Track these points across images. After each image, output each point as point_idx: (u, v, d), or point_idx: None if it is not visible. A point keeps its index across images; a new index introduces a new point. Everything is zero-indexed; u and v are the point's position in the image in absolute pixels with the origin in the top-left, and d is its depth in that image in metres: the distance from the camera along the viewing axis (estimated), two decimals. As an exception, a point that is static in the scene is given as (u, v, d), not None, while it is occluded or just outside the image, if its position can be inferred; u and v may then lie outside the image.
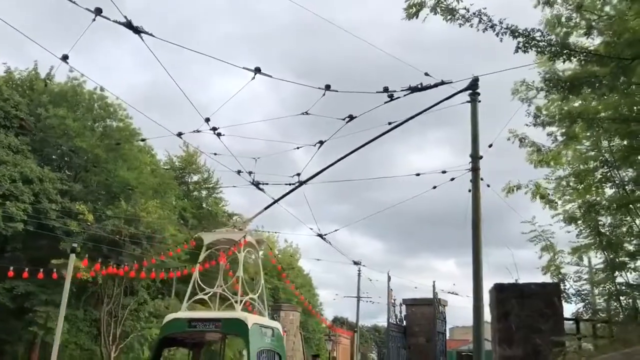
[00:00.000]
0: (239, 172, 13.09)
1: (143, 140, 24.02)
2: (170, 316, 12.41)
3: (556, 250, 9.02)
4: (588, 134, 9.70)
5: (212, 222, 42.96)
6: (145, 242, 27.21)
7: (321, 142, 11.32)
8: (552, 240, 9.01)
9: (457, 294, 27.16)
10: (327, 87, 9.15)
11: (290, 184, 13.62)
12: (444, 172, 13.31)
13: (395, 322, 16.69)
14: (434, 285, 17.22)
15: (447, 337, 18.78)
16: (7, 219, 24.44)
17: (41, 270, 21.12)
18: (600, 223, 7.91)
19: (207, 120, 10.43)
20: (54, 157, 31.67)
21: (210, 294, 13.11)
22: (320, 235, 17.55)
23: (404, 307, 17.83)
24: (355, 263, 20.80)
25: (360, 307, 47.33)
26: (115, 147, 31.57)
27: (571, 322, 7.54)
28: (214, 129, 10.76)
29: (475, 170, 12.83)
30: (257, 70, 8.72)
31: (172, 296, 38.67)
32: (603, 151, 8.05)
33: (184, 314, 12.30)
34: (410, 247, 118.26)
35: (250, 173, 13.09)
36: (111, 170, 30.27)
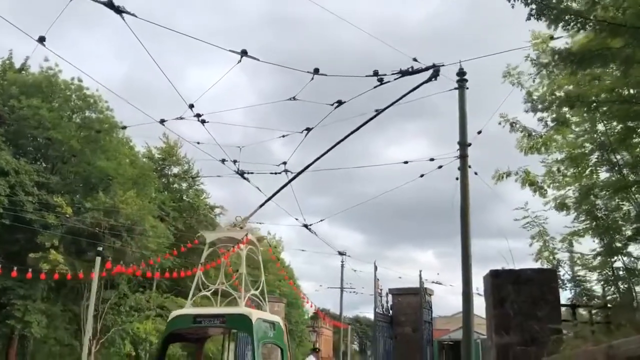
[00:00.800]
0: (223, 160, 12.77)
1: (124, 127, 23.48)
2: (175, 313, 12.60)
3: (549, 236, 8.89)
4: (579, 118, 9.58)
5: (193, 215, 42.48)
6: (126, 234, 26.66)
7: (308, 129, 11.06)
8: (545, 226, 8.87)
9: (441, 284, 27.17)
10: (316, 71, 8.88)
11: (275, 173, 13.36)
12: (431, 159, 13.16)
13: (382, 312, 16.53)
14: (420, 275, 17.13)
15: (431, 327, 18.98)
16: (-19, 213, 23.79)
17: (15, 268, 20.51)
18: (596, 207, 7.79)
19: (191, 106, 10.09)
20: (29, 148, 30.89)
21: (211, 291, 13.25)
22: (305, 226, 17.32)
23: (390, 296, 17.66)
24: (340, 253, 20.68)
25: (342, 300, 47.29)
26: (94, 139, 30.91)
27: (567, 308, 7.40)
28: (198, 115, 10.43)
29: (463, 157, 12.69)
30: (244, 53, 8.41)
31: (154, 289, 38.23)
32: (599, 134, 7.91)
33: (188, 310, 12.43)
34: (390, 238, 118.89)
35: (234, 162, 12.79)
36: (89, 161, 29.60)
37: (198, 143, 12.99)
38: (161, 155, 44.12)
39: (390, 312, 17.61)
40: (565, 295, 7.84)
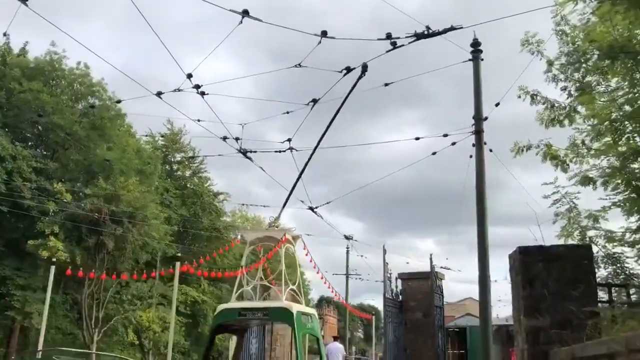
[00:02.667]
0: (224, 138, 12.11)
1: (118, 101, 22.67)
2: (222, 306, 13.60)
3: (578, 212, 8.21)
4: (619, 76, 8.77)
5: (197, 201, 41.90)
6: (127, 220, 26.05)
7: (314, 101, 10.36)
8: (575, 201, 8.18)
9: (449, 269, 26.55)
10: (324, 34, 8.17)
11: (280, 151, 12.71)
12: (445, 135, 12.47)
13: (391, 298, 15.89)
14: (430, 258, 16.48)
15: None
16: (-23, 199, 23.22)
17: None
18: (637, 177, 7.09)
19: (189, 76, 9.41)
20: (28, 135, 30.29)
21: (251, 286, 14.39)
22: (311, 208, 16.69)
23: (399, 281, 17.01)
24: (347, 237, 20.01)
25: (347, 286, 46.68)
26: (99, 126, 30.30)
27: (601, 288, 6.73)
28: (197, 86, 9.75)
29: (478, 132, 12.03)
30: (245, 13, 7.72)
31: (157, 278, 37.75)
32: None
33: (234, 304, 13.39)
34: (390, 227, 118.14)
35: (237, 139, 12.12)
36: (91, 148, 28.97)
37: (198, 121, 12.37)
38: (165, 143, 43.53)
39: (400, 297, 16.99)
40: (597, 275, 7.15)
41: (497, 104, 11.60)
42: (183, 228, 40.83)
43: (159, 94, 9.96)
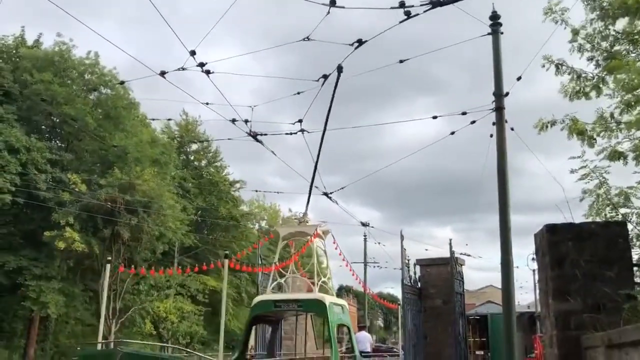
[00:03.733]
0: (233, 120, 11.67)
1: (122, 83, 22.40)
2: (258, 298, 14.13)
3: (608, 189, 7.65)
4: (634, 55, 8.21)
5: (213, 191, 41.76)
6: (142, 210, 25.85)
7: (325, 77, 9.87)
8: (605, 176, 7.62)
9: (469, 255, 25.97)
10: (332, 3, 7.66)
11: (291, 133, 12.26)
12: (464, 113, 11.87)
13: (409, 284, 15.39)
14: (450, 243, 15.87)
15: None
16: (-7, 191, 23.17)
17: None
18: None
19: (193, 53, 8.96)
20: (43, 126, 30.23)
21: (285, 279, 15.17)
22: (326, 194, 16.23)
23: (418, 268, 16.48)
24: (363, 224, 19.51)
25: (365, 275, 46.18)
26: (112, 116, 30.15)
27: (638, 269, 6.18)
28: (201, 64, 9.31)
29: (499, 109, 11.45)
30: (247, -19, 7.22)
31: (175, 266, 37.68)
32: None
33: (270, 296, 14.03)
34: (407, 215, 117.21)
35: (246, 122, 11.68)
36: (105, 138, 28.80)
37: (207, 104, 11.96)
38: (180, 133, 43.40)
39: (419, 284, 16.48)
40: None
41: (518, 78, 11.00)
42: (200, 217, 40.77)
43: (162, 73, 9.55)
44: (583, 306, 5.70)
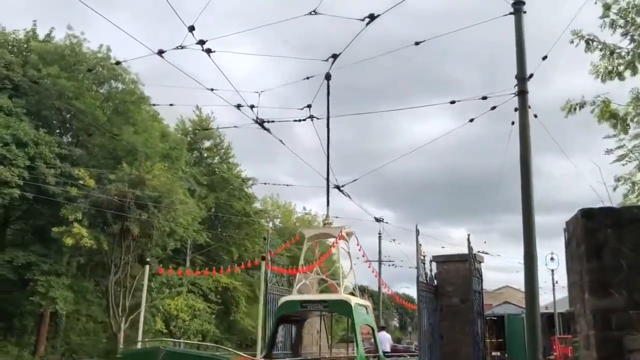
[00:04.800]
0: (238, 106, 11.08)
1: (117, 63, 21.91)
2: (285, 298, 14.37)
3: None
4: None
5: (225, 188, 41.25)
6: (152, 206, 25.35)
7: (334, 56, 9.21)
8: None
9: (487, 253, 25.08)
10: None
11: (300, 120, 11.62)
12: (484, 97, 11.13)
13: (425, 282, 14.61)
14: (468, 239, 15.07)
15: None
16: (1, 184, 22.79)
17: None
18: None
19: (192, 29, 8.33)
20: (54, 121, 29.91)
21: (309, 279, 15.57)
22: (337, 187, 15.61)
23: (434, 265, 15.69)
24: (377, 220, 18.79)
25: (380, 274, 45.32)
26: (123, 111, 29.75)
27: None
28: (201, 42, 8.68)
29: (522, 93, 10.67)
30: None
31: (187, 265, 37.24)
32: None
33: (296, 296, 14.28)
34: (421, 215, 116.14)
35: (252, 107, 11.06)
36: (116, 133, 28.36)
37: (212, 90, 11.35)
38: (193, 128, 42.97)
39: (435, 281, 15.71)
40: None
41: (544, 57, 10.20)
42: (213, 214, 40.33)
43: (160, 52, 8.94)
44: (627, 302, 4.94)
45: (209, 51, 8.88)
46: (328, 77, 10.72)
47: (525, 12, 11.01)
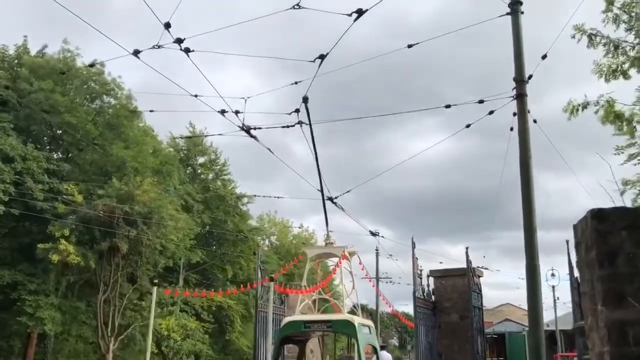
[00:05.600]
0: (222, 111, 10.50)
1: (92, 65, 21.31)
2: (288, 319, 14.45)
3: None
4: None
5: (220, 205, 40.55)
6: (141, 222, 24.66)
7: (322, 57, 8.68)
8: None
9: (487, 269, 24.42)
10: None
11: (288, 126, 11.05)
12: (481, 101, 10.59)
13: (422, 297, 13.97)
14: (467, 253, 14.49)
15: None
16: (-15, 201, 22.17)
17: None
18: None
19: (167, 26, 7.80)
20: (45, 137, 29.38)
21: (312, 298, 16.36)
22: (330, 199, 14.95)
23: (432, 280, 15.07)
24: (373, 234, 18.15)
25: (377, 291, 44.47)
26: (114, 125, 29.23)
27: None
28: (179, 40, 8.15)
29: (521, 96, 10.13)
30: None
31: (181, 283, 36.39)
32: None
33: (299, 317, 14.65)
34: (419, 233, 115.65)
35: (237, 112, 10.50)
36: (106, 148, 27.79)
37: (196, 96, 10.81)
38: (186, 145, 42.46)
39: (433, 297, 15.08)
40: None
41: (544, 56, 9.68)
42: (206, 231, 39.60)
43: (135, 52, 8.40)
44: (645, 314, 4.37)
45: (187, 50, 8.35)
46: (305, 99, 10.28)
47: (522, 13, 10.55)
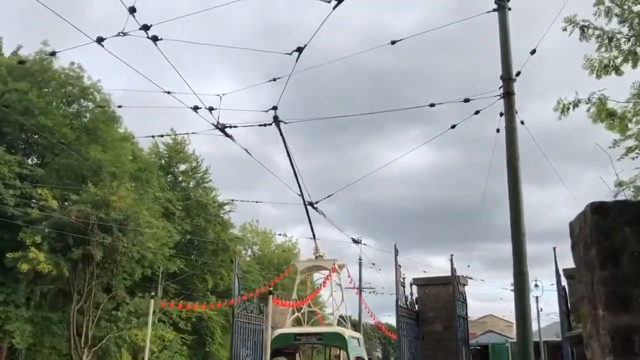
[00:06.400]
0: (195, 108, 9.97)
1: (53, 54, 20.48)
2: (278, 331, 14.48)
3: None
4: None
5: (201, 213, 39.78)
6: (117, 229, 23.85)
7: (299, 49, 8.18)
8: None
9: (471, 278, 23.88)
10: None
11: (264, 125, 10.53)
12: (466, 100, 10.15)
13: (405, 307, 13.42)
14: (451, 260, 14.01)
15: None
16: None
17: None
18: None
19: (132, 10, 7.25)
20: (18, 141, 28.49)
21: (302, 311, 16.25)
22: (311, 204, 14.41)
23: (415, 288, 14.55)
24: (355, 241, 17.58)
25: (360, 302, 43.80)
26: (91, 129, 28.46)
27: None
28: (145, 27, 7.60)
29: (508, 95, 9.71)
30: None
31: (160, 293, 35.45)
32: None
33: (290, 329, 14.65)
34: (401, 244, 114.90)
35: (210, 109, 9.95)
36: (82, 152, 26.94)
37: (168, 93, 10.26)
38: (167, 152, 41.74)
39: (416, 306, 14.55)
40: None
41: (532, 52, 9.27)
42: (186, 240, 38.81)
43: (99, 39, 7.82)
44: (652, 319, 3.89)
45: (155, 39, 7.80)
46: (276, 119, 10.30)
47: (510, 9, 10.17)
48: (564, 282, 13.52)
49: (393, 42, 10.24)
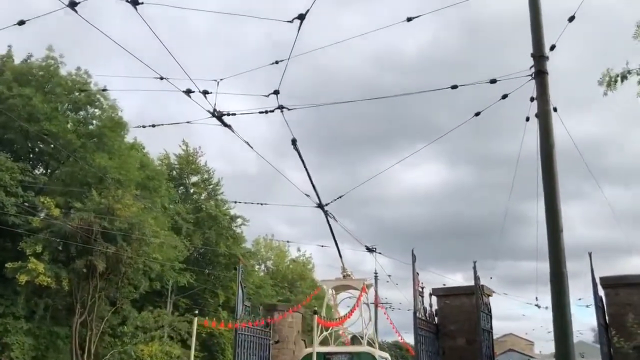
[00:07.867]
0: (188, 92, 8.94)
1: (22, 22, 19.85)
2: (307, 350, 14.90)
3: None
4: None
5: (212, 226, 38.80)
6: (121, 239, 22.85)
7: (301, 17, 7.13)
8: None
9: (494, 292, 22.44)
10: None
11: (267, 111, 9.46)
12: (493, 81, 8.97)
13: (424, 319, 12.11)
14: (474, 268, 12.73)
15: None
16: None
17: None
18: None
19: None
20: (24, 149, 27.77)
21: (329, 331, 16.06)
22: (320, 206, 13.27)
23: (435, 299, 13.25)
24: (369, 249, 16.38)
25: (379, 320, 42.23)
26: (97, 135, 27.68)
27: None
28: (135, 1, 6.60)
29: (540, 74, 8.52)
30: None
31: (169, 308, 34.41)
32: None
33: (320, 348, 14.13)
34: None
35: (205, 93, 8.91)
36: (88, 159, 26.10)
37: (162, 79, 9.26)
38: (179, 163, 41.00)
39: (436, 319, 13.25)
40: None
41: (571, 18, 8.08)
42: (198, 253, 37.85)
43: (72, 4, 6.83)
44: None
45: (135, 3, 6.80)
46: (294, 142, 10.19)
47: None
48: (601, 292, 12.23)
49: (409, 19, 9.16)
